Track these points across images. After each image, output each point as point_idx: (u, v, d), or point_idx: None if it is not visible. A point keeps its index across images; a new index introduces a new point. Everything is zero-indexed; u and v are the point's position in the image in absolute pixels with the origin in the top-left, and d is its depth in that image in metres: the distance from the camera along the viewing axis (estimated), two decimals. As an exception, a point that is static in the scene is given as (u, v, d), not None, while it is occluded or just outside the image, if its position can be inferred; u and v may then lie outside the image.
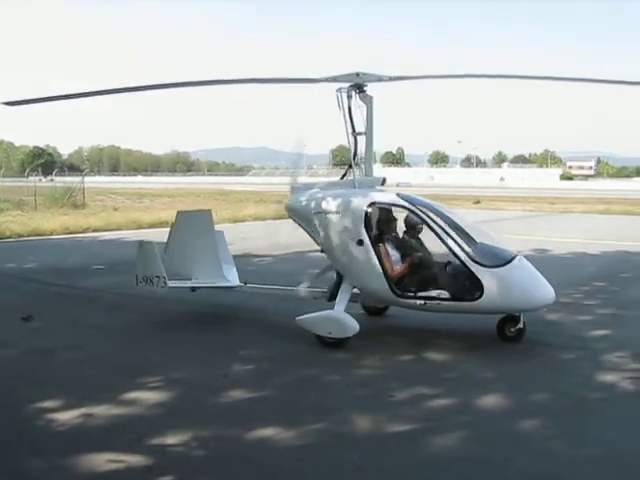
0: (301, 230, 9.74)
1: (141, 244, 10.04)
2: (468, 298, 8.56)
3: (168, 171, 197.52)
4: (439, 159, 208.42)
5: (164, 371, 7.59)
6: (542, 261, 17.12)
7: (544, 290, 8.70)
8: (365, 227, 8.89)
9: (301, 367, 7.82)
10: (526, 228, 26.56)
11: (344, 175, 9.93)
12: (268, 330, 9.70)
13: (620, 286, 13.47)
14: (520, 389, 7.02)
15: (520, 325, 8.76)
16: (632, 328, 9.72)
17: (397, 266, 8.94)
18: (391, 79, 9.32)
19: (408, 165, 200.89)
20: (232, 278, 10.68)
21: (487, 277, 8.42)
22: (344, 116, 9.36)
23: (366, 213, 8.97)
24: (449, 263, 8.99)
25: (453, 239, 8.69)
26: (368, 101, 9.28)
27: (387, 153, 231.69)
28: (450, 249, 8.67)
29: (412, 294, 8.80)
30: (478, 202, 46.50)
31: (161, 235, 12.40)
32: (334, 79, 9.13)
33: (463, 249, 8.61)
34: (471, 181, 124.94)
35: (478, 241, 8.91)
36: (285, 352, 8.51)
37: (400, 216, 9.44)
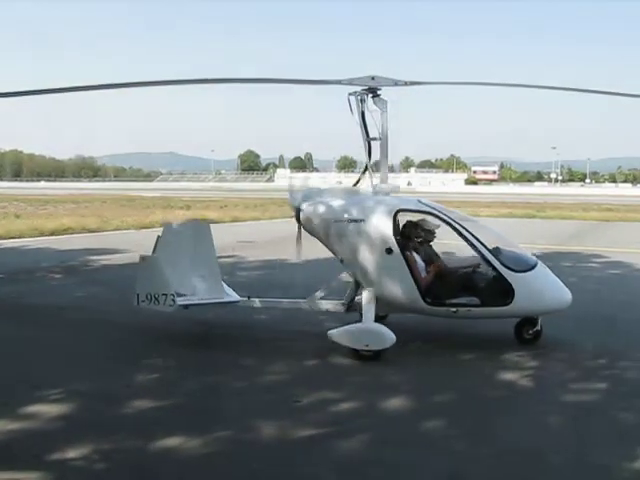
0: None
1: (143, 258, 9.25)
2: (499, 303, 8.60)
3: (73, 177, 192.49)
4: (347, 164, 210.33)
5: (64, 383, 7.32)
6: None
7: (564, 293, 8.91)
8: (394, 235, 8.71)
9: (207, 374, 7.71)
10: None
11: (357, 181, 9.72)
12: (173, 337, 9.52)
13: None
14: (423, 390, 7.14)
15: (538, 327, 8.92)
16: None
17: (424, 274, 8.83)
18: (407, 84, 9.05)
19: (317, 170, 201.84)
20: (229, 292, 9.81)
21: (518, 282, 8.53)
22: (357, 121, 9.10)
23: (394, 220, 8.77)
24: (474, 269, 9.02)
25: (483, 245, 8.76)
26: (383, 105, 9.00)
27: (296, 158, 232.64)
28: (482, 255, 8.73)
29: (443, 302, 8.72)
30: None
31: (62, 243, 12.02)
32: (349, 82, 8.84)
33: (494, 255, 8.70)
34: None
35: (502, 247, 9.00)
36: (190, 359, 8.38)
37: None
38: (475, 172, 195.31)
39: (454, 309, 8.66)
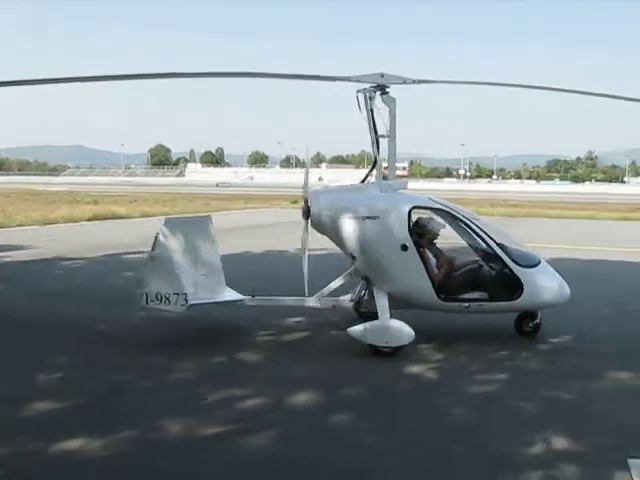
0: (120, 233, 9.32)
1: (152, 257, 8.82)
2: (509, 297, 8.89)
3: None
4: (259, 159, 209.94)
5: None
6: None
7: (565, 287, 9.20)
8: (409, 232, 8.78)
9: (112, 373, 7.52)
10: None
11: (365, 178, 9.67)
12: (80, 335, 9.22)
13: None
14: (332, 385, 7.17)
15: (537, 320, 9.28)
16: (434, 319, 10.16)
17: (435, 270, 8.97)
18: (415, 82, 9.04)
19: (228, 165, 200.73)
20: (230, 290, 9.61)
21: (526, 277, 8.85)
22: (366, 118, 9.09)
23: (409, 217, 8.85)
24: (481, 266, 9.32)
25: (494, 241, 9.01)
26: (391, 103, 8.99)
27: (207, 153, 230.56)
28: (494, 251, 8.96)
29: (456, 297, 8.95)
30: (296, 202, 47.16)
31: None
32: (358, 79, 8.82)
33: (505, 251, 8.95)
34: (291, 181, 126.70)
35: (508, 244, 9.23)
36: (96, 357, 8.16)
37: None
38: (386, 167, 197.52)
39: (466, 304, 8.95)
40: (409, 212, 8.87)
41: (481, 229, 9.15)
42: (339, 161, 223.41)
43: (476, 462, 5.39)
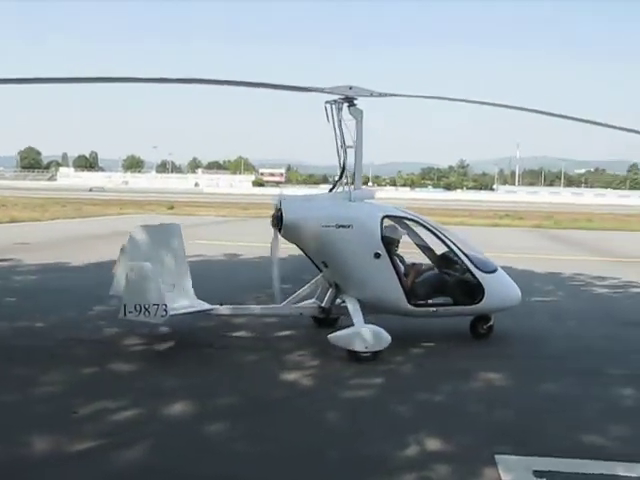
0: None
1: (132, 268, 8.40)
2: (473, 302, 9.38)
3: None
4: (134, 164, 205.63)
5: None
6: (232, 265, 17.63)
7: (517, 291, 9.89)
8: (381, 240, 8.94)
9: (-27, 388, 7.11)
10: (219, 233, 27.17)
11: (333, 187, 9.77)
12: None
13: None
14: (206, 394, 7.03)
15: (491, 322, 9.83)
16: (313, 326, 10.21)
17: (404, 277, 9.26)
18: (381, 95, 9.24)
19: (102, 169, 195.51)
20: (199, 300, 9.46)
21: (487, 282, 9.34)
22: (334, 129, 9.25)
23: (381, 226, 9.05)
24: (445, 272, 9.74)
25: (460, 249, 9.46)
26: (358, 115, 9.12)
27: (80, 157, 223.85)
28: (459, 258, 9.40)
29: (425, 302, 9.33)
30: (172, 208, 46.55)
31: None
32: (330, 90, 8.97)
33: (470, 259, 9.38)
34: (167, 186, 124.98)
35: (471, 252, 9.64)
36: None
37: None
38: (263, 174, 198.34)
39: (434, 309, 9.38)
40: (381, 221, 9.12)
41: (447, 237, 9.54)
42: (216, 167, 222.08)
43: (351, 466, 5.41)
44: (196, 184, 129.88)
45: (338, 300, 9.62)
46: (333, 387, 7.44)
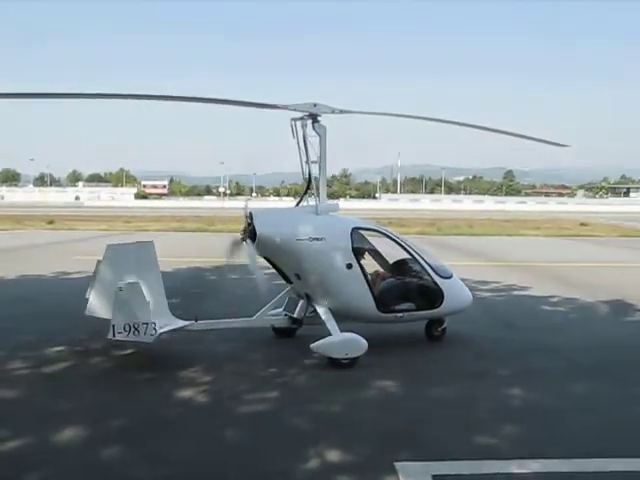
0: None
1: (121, 288, 8.37)
2: (434, 306, 9.95)
3: None
4: (10, 177, 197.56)
5: None
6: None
7: (469, 293, 10.69)
8: (352, 251, 9.35)
9: None
10: (100, 248, 26.39)
11: (299, 202, 10.01)
12: None
13: (192, 302, 13.96)
14: (98, 417, 6.76)
15: (444, 325, 10.49)
16: (204, 341, 10.03)
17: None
18: (342, 112, 9.65)
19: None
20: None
21: (446, 287, 9.97)
22: (298, 144, 9.52)
23: (352, 237, 9.45)
24: (407, 279, 10.19)
25: (422, 258, 10.06)
26: (322, 131, 9.43)
27: None
28: (422, 266, 9.98)
29: (393, 309, 9.74)
30: (52, 222, 44.91)
31: None
32: (294, 107, 9.29)
33: (430, 266, 10.00)
34: (46, 200, 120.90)
35: (430, 260, 10.22)
36: None
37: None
38: (145, 186, 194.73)
39: (400, 314, 9.85)
40: (351, 233, 9.53)
41: (410, 247, 10.13)
42: (97, 179, 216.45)
43: (252, 484, 5.35)
44: (77, 197, 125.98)
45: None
46: (229, 402, 7.32)
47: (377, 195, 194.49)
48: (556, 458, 5.87)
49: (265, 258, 9.66)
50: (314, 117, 9.42)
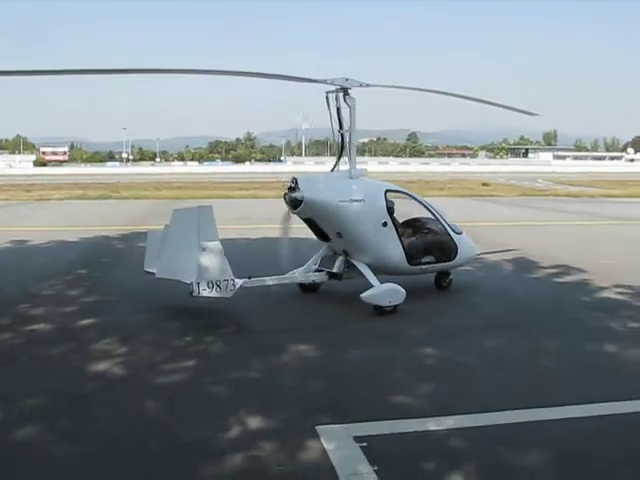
0: None
1: (204, 247, 9.14)
2: (450, 259, 11.23)
3: None
4: None
5: None
6: (21, 252, 16.56)
7: (475, 247, 12.10)
8: (387, 211, 10.40)
9: None
10: (2, 218, 25.43)
11: (334, 167, 10.94)
12: None
13: (101, 272, 13.68)
14: (11, 397, 6.51)
15: (451, 276, 11.76)
16: (117, 312, 9.90)
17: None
18: (369, 85, 10.46)
19: None
20: None
21: (459, 242, 11.29)
22: (332, 116, 10.43)
23: (385, 199, 10.46)
24: (426, 233, 11.29)
25: (442, 217, 11.33)
26: (352, 103, 10.32)
27: None
28: (442, 224, 11.22)
29: (419, 262, 10.85)
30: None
31: None
32: (330, 81, 10.10)
33: (448, 224, 11.29)
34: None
35: (446, 219, 11.41)
36: None
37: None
38: (44, 153, 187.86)
39: (425, 267, 11.00)
40: (385, 194, 10.54)
41: (432, 207, 11.31)
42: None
43: (175, 454, 5.30)
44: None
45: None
46: (147, 374, 7.22)
47: (282, 158, 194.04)
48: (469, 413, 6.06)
49: (306, 220, 10.49)
50: (345, 90, 10.24)
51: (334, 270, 10.71)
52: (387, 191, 10.71)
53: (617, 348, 8.19)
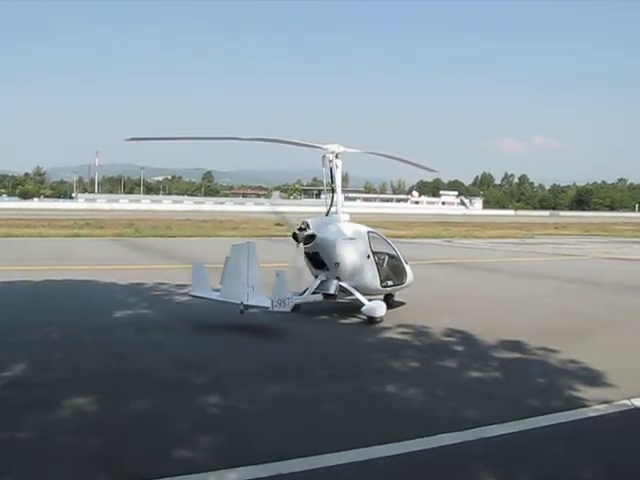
0: None
1: (277, 273, 11.53)
2: (403, 282, 14.35)
3: None
4: None
5: None
6: None
7: (412, 274, 14.73)
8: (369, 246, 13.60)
9: None
10: None
11: (327, 213, 13.96)
12: None
13: None
14: None
15: (394, 297, 14.69)
16: None
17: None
18: (365, 152, 15.60)
19: None
20: None
21: (408, 270, 14.48)
22: (326, 175, 13.92)
23: (369, 237, 13.75)
24: (385, 262, 14.06)
25: (396, 249, 14.47)
26: (340, 164, 13.75)
27: None
28: (399, 256, 14.36)
29: (386, 284, 13.94)
30: None
31: None
32: (326, 148, 13.68)
33: (402, 256, 14.45)
34: None
35: (399, 251, 14.51)
36: None
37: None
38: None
39: (390, 288, 14.15)
40: (368, 234, 13.78)
41: (391, 243, 14.54)
42: None
43: None
44: None
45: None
46: None
47: (74, 195, 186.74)
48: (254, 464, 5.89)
49: (312, 253, 13.18)
50: (336, 155, 13.63)
51: (331, 292, 13.14)
52: (368, 232, 13.82)
53: (397, 388, 8.41)
